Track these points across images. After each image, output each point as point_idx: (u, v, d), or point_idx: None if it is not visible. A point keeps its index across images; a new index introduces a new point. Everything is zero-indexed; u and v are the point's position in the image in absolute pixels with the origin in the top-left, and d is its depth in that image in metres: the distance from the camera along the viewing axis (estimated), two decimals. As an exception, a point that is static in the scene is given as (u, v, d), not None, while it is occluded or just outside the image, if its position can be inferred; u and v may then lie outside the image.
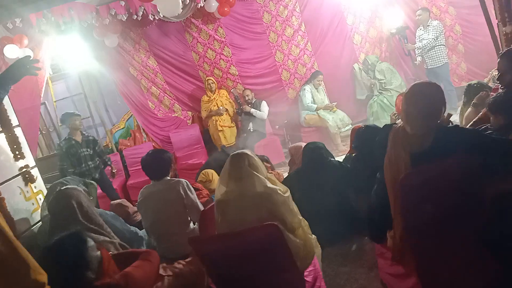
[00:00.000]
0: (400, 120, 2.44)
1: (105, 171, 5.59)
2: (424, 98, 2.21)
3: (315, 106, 6.57)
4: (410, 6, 6.75)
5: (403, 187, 2.16)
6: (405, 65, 6.93)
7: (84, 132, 5.38)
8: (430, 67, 6.21)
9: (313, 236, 2.63)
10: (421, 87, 2.28)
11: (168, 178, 3.09)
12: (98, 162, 5.36)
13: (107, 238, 2.46)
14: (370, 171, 3.05)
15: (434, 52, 6.09)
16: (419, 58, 6.31)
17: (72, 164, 5.12)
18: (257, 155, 2.58)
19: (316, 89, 6.69)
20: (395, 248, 2.34)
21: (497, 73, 2.96)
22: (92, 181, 3.05)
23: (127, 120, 7.58)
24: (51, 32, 5.92)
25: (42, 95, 6.51)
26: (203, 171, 4.62)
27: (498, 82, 2.97)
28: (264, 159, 4.39)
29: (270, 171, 3.83)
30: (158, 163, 3.05)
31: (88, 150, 5.23)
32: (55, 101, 7.25)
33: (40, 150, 7.13)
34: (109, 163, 5.61)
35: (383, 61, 6.84)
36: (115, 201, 4.00)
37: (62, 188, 2.47)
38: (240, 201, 2.36)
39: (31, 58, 2.43)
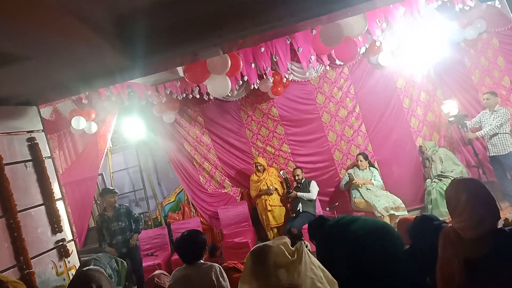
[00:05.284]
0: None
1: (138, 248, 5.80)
2: (465, 197, 1.98)
3: (343, 184, 6.51)
4: (469, 92, 6.53)
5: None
6: (466, 152, 6.55)
7: (117, 205, 5.61)
8: (492, 154, 5.80)
9: None
10: (460, 184, 2.07)
11: (201, 261, 2.96)
12: (128, 236, 5.56)
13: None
14: (421, 270, 2.75)
15: (497, 139, 5.71)
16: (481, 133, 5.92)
17: (104, 237, 5.52)
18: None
19: (363, 170, 6.47)
20: None
21: None
22: (123, 260, 2.99)
23: (177, 194, 7.66)
24: (114, 108, 6.32)
25: (100, 166, 6.81)
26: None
27: None
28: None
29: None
30: (191, 246, 2.94)
31: (120, 223, 5.51)
32: (112, 172, 7.53)
33: (93, 219, 7.31)
34: (135, 232, 5.66)
35: (441, 147, 6.53)
36: (157, 271, 3.89)
37: (84, 269, 2.41)
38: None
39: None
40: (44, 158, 3.45)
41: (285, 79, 6.38)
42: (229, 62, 4.17)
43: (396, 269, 2.85)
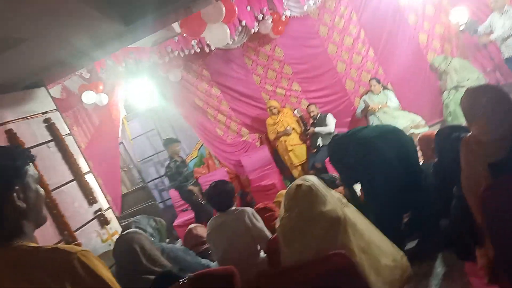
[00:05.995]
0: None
1: None
2: (480, 102, 1.98)
3: (359, 111, 6.52)
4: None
5: (484, 202, 1.93)
6: (481, 57, 6.35)
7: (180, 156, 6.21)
8: (507, 56, 5.63)
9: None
10: (474, 91, 2.06)
11: (233, 208, 3.08)
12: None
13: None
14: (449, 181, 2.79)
15: (511, 41, 5.52)
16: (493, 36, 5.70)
17: (180, 181, 5.96)
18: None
19: (377, 94, 6.40)
20: (489, 268, 2.09)
21: None
22: (161, 219, 3.14)
23: (199, 149, 7.79)
24: (118, 76, 6.32)
25: (119, 135, 6.92)
26: (280, 192, 4.56)
27: None
28: (331, 179, 4.21)
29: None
30: (221, 196, 3.05)
31: (187, 168, 6.17)
32: (131, 139, 7.66)
33: (124, 186, 7.54)
34: None
35: (455, 57, 6.33)
36: (192, 224, 4.08)
37: (123, 233, 2.54)
38: (304, 227, 2.26)
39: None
40: (64, 136, 3.53)
41: (284, 16, 6.20)
42: (223, 8, 4.08)
43: (411, 166, 2.96)
